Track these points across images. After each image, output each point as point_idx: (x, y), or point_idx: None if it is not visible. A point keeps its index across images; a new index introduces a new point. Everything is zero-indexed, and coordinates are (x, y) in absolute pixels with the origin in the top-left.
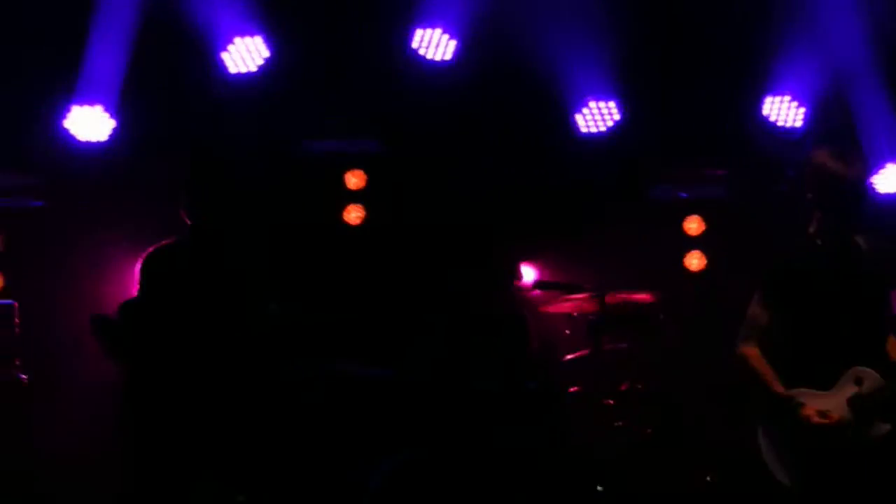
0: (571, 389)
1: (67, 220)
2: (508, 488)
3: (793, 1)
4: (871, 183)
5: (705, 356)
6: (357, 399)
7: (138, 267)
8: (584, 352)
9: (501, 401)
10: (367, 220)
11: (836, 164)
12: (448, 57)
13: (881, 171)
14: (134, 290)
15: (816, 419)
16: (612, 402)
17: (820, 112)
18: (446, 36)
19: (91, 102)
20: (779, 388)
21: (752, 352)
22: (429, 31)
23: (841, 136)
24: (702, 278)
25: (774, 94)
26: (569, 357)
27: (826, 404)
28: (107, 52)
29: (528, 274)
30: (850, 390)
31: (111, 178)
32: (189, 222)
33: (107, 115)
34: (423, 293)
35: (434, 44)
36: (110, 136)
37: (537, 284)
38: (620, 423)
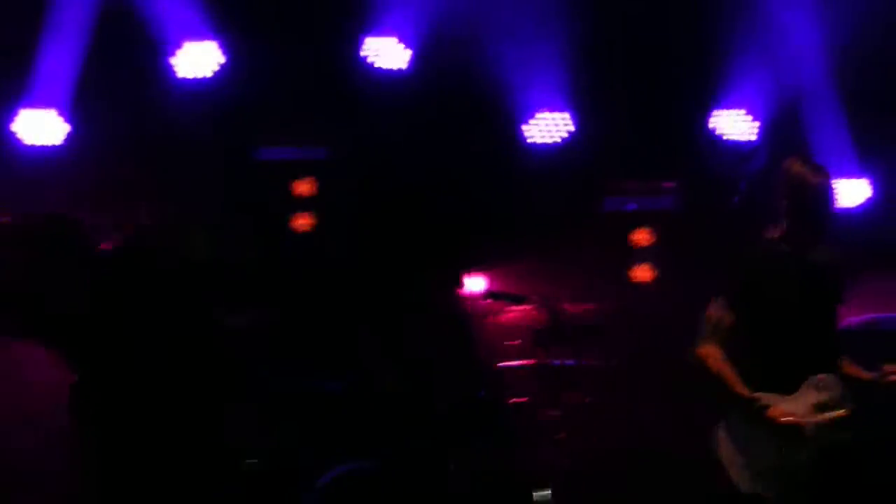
0: (518, 400)
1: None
2: (454, 497)
3: (747, 15)
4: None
5: (652, 367)
6: (307, 411)
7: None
8: (531, 361)
9: (452, 409)
10: (316, 228)
11: (810, 173)
12: (403, 66)
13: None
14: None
15: (784, 419)
16: (557, 413)
17: (772, 126)
18: (401, 45)
19: (43, 106)
20: (742, 389)
21: (713, 351)
22: (383, 39)
23: (793, 151)
24: (650, 290)
25: (727, 107)
26: (515, 365)
27: (790, 409)
28: (59, 54)
29: (478, 284)
30: (815, 396)
31: (64, 184)
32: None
33: (60, 119)
34: (371, 300)
35: (387, 52)
36: (65, 140)
37: (486, 294)
38: (564, 435)
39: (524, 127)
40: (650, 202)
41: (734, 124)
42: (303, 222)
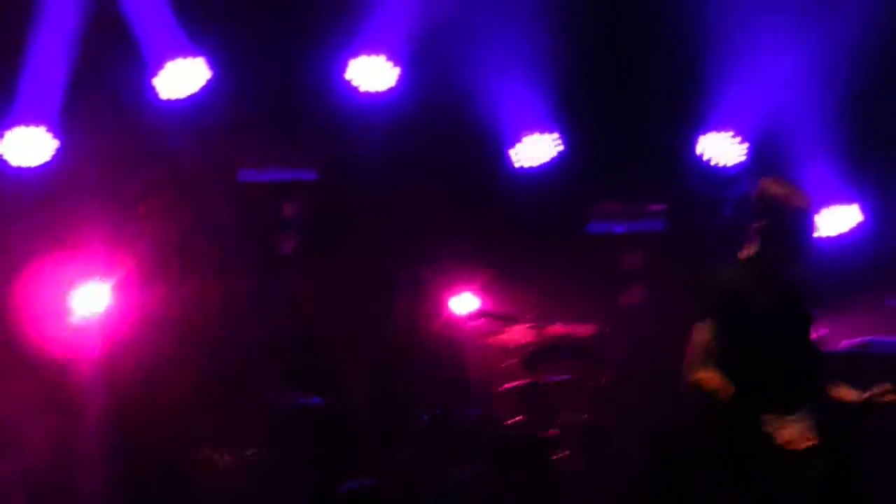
0: (512, 420)
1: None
2: None
3: (736, 37)
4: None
5: (642, 389)
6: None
7: None
8: (523, 382)
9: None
10: (302, 249)
11: (788, 194)
12: (390, 85)
13: (821, 214)
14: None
15: (796, 444)
16: (551, 433)
17: (760, 149)
18: (389, 64)
19: (28, 124)
20: (742, 412)
21: (712, 376)
22: (370, 58)
23: (780, 173)
24: (639, 311)
25: (715, 130)
26: (508, 387)
27: (794, 430)
28: (44, 74)
29: (469, 304)
30: (814, 417)
31: (48, 204)
32: None
33: (49, 135)
34: (357, 322)
35: (374, 72)
36: (51, 160)
37: (475, 315)
38: (560, 455)
39: (511, 151)
40: (638, 224)
41: (722, 147)
42: (289, 244)
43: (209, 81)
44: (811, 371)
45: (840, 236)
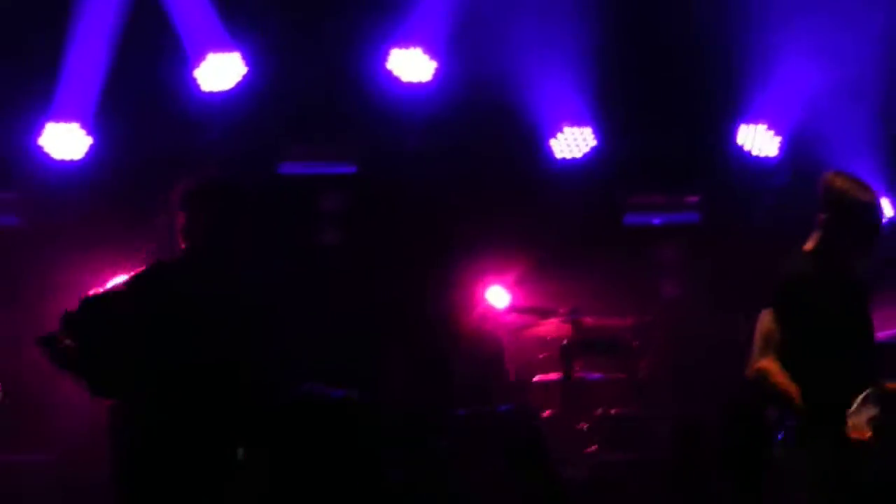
0: (545, 413)
1: (43, 238)
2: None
3: (773, 28)
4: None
5: (679, 381)
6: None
7: (132, 278)
8: (557, 375)
9: (473, 423)
10: (343, 242)
11: (852, 187)
12: (426, 78)
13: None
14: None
15: (853, 435)
16: (585, 426)
17: (795, 141)
18: (426, 57)
19: (67, 119)
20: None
21: (773, 366)
22: (407, 50)
23: (816, 167)
24: (676, 304)
25: (750, 122)
26: (542, 379)
27: (852, 421)
28: (83, 68)
29: (503, 298)
30: (872, 411)
31: (87, 196)
32: (186, 244)
33: (83, 132)
34: (397, 314)
35: (412, 64)
36: (87, 153)
37: (512, 309)
38: (594, 448)
39: (552, 141)
40: (674, 216)
41: (758, 139)
42: (330, 236)
43: (248, 74)
44: (870, 363)
45: None
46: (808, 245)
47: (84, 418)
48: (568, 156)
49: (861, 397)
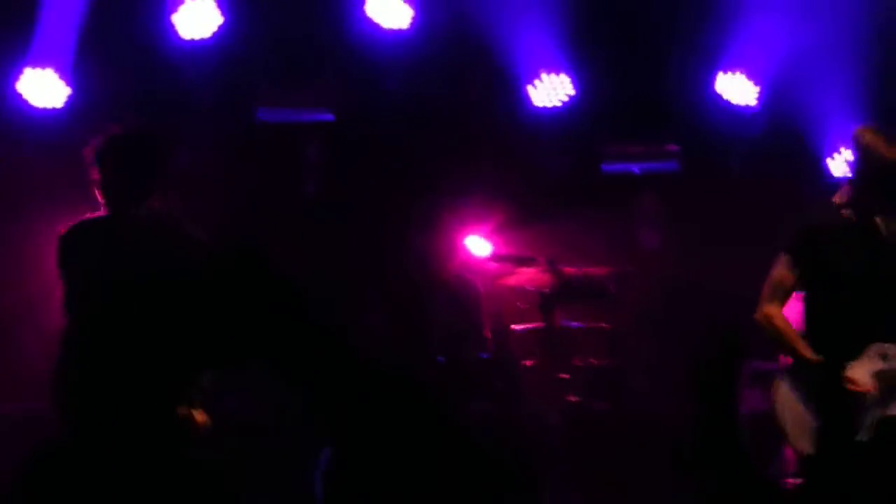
0: (526, 363)
1: (21, 189)
2: (460, 458)
3: None
4: None
5: (657, 331)
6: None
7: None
8: (538, 324)
9: (454, 370)
10: (320, 190)
11: (883, 144)
12: (404, 25)
13: (834, 155)
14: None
15: (846, 385)
16: (566, 376)
17: (774, 90)
18: (405, 4)
19: (44, 66)
20: (806, 350)
21: (776, 312)
22: None
23: (794, 117)
24: (655, 253)
25: (728, 70)
26: (521, 328)
27: (852, 374)
28: (61, 13)
29: (482, 246)
30: (876, 364)
31: (65, 144)
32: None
33: (62, 81)
34: (374, 262)
35: (390, 11)
36: (66, 102)
37: (491, 257)
38: (574, 398)
39: (529, 88)
40: (653, 165)
41: (736, 87)
42: (310, 184)
43: (227, 20)
44: (891, 323)
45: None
46: (836, 197)
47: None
48: (547, 104)
49: (870, 350)
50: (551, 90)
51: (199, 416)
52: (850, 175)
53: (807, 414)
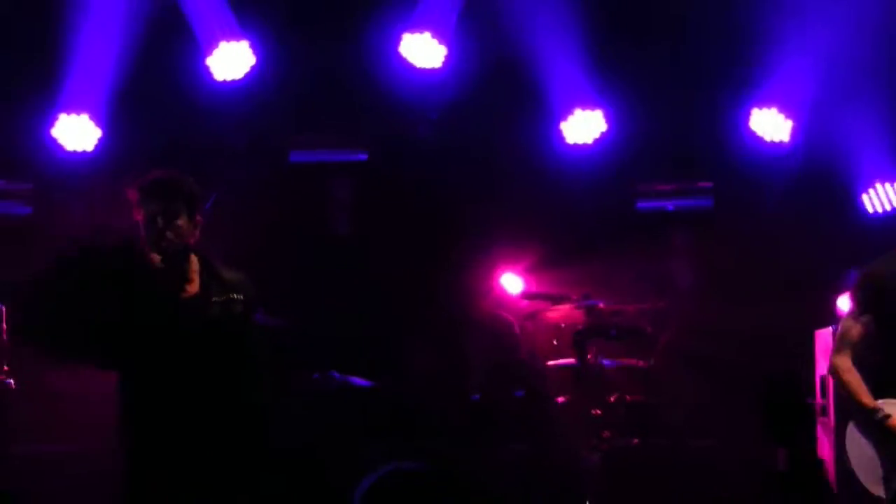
0: (560, 399)
1: (55, 228)
2: (496, 495)
3: (785, 11)
4: None
5: (691, 368)
6: (346, 409)
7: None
8: (571, 361)
9: (488, 408)
10: (355, 230)
11: None
12: (437, 65)
13: (869, 191)
14: None
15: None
16: (599, 412)
17: (808, 126)
18: (435, 41)
19: (77, 111)
20: (867, 398)
21: (844, 363)
22: (417, 35)
23: (828, 153)
24: (689, 291)
25: (761, 106)
26: (555, 365)
27: None
28: (95, 58)
29: (517, 284)
30: None
31: (98, 188)
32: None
33: (92, 123)
34: (410, 301)
35: (422, 50)
36: (97, 144)
37: (525, 295)
38: (608, 434)
39: (563, 124)
40: (687, 203)
41: (770, 123)
42: (342, 224)
43: (259, 62)
44: None
45: (886, 213)
46: None
47: (100, 409)
48: (579, 141)
49: None
50: (587, 126)
51: None
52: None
53: (875, 458)
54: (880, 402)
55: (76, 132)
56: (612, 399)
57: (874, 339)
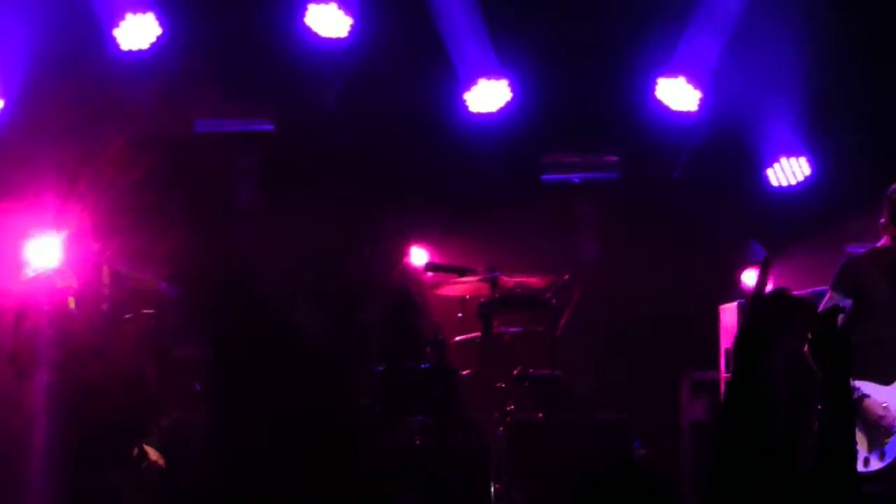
0: (464, 372)
1: None
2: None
3: None
4: None
5: (596, 340)
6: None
7: None
8: (476, 334)
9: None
10: (260, 201)
11: None
12: (343, 34)
13: (775, 165)
14: None
15: (877, 409)
16: (503, 385)
17: (715, 98)
18: (341, 12)
19: None
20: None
21: None
22: (323, 6)
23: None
24: (593, 261)
25: (668, 75)
26: (460, 339)
27: (886, 398)
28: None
29: (421, 256)
30: None
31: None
32: None
33: None
34: (315, 274)
35: (328, 20)
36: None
37: (429, 267)
38: (512, 407)
39: (466, 94)
40: (593, 174)
41: (677, 93)
42: (246, 195)
43: (165, 32)
44: None
45: (790, 187)
46: (879, 243)
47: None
48: (486, 109)
49: None
50: (491, 95)
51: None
52: None
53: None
54: (857, 382)
55: None
56: (515, 372)
57: (852, 323)
